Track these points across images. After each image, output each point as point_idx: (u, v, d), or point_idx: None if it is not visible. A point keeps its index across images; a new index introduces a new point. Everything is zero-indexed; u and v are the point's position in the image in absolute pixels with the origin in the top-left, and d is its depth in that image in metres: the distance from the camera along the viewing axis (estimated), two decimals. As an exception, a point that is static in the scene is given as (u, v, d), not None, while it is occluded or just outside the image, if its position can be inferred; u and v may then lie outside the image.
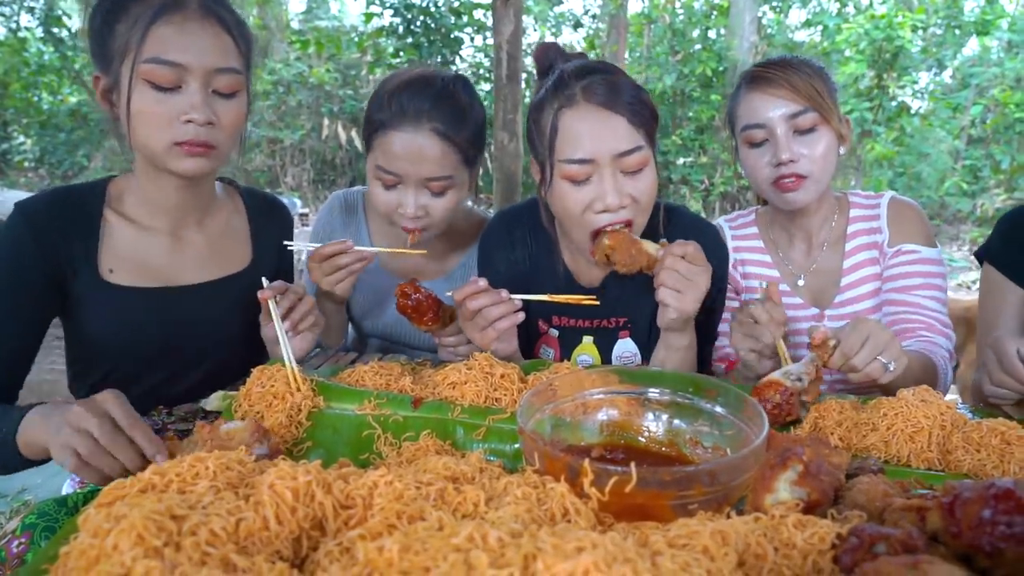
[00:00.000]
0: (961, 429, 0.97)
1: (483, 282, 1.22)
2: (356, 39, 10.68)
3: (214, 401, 1.11)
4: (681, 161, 9.24)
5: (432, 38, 8.74)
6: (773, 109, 1.36)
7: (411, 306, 1.31)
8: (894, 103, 7.64)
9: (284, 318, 1.18)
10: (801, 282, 1.55)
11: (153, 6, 1.09)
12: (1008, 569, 0.56)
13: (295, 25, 12.14)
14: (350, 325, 1.74)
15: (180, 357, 1.29)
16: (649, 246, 1.23)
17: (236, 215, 1.42)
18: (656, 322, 1.29)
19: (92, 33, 1.16)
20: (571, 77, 1.22)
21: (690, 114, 9.34)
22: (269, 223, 1.46)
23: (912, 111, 8.21)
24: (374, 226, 1.69)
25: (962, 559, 0.59)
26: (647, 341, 1.43)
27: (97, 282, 1.21)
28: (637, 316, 1.44)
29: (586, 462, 0.71)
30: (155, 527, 0.57)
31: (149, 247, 1.27)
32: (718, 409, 0.91)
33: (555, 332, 1.48)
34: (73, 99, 10.06)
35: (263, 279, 1.18)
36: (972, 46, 9.34)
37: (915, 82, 8.24)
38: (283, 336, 1.12)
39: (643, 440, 0.96)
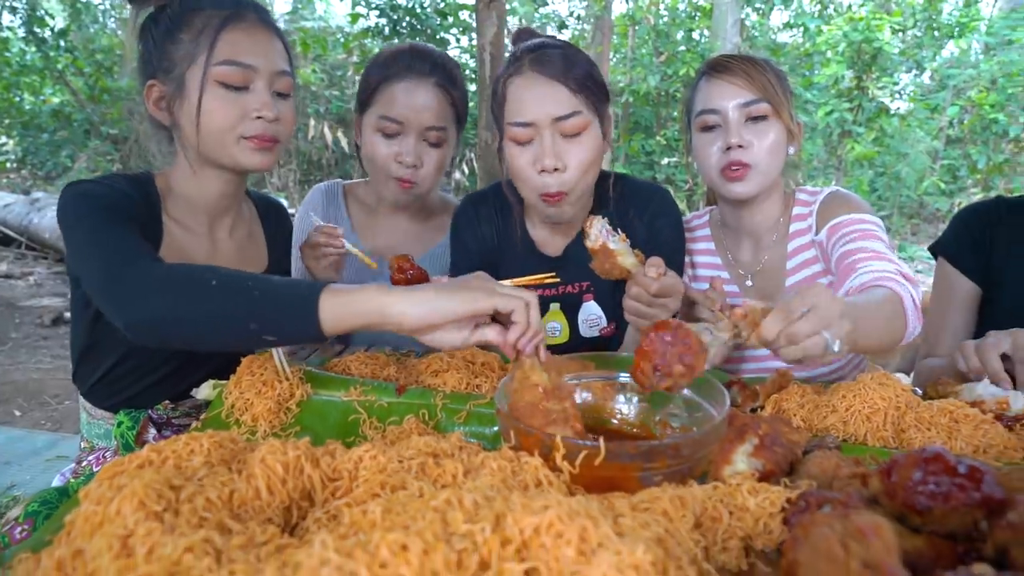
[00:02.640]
0: (914, 409, 1.03)
1: None
2: (342, 40, 10.68)
3: (204, 390, 1.15)
4: (665, 161, 9.33)
5: (418, 39, 8.77)
6: (729, 97, 1.40)
7: (406, 279, 1.35)
8: (873, 104, 7.76)
9: None
10: (749, 283, 1.56)
11: (219, 16, 1.19)
12: (936, 525, 0.61)
13: (280, 26, 12.11)
14: None
15: (193, 353, 1.33)
16: (626, 259, 1.24)
17: (254, 220, 1.49)
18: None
19: (151, 44, 1.23)
20: (524, 51, 1.32)
21: (674, 114, 9.43)
22: (277, 227, 1.53)
23: (892, 112, 8.33)
24: (355, 216, 1.75)
25: (898, 520, 0.65)
26: (611, 302, 1.50)
27: None
28: (599, 279, 1.47)
29: (558, 437, 0.76)
30: (155, 495, 0.61)
31: (193, 246, 1.33)
32: (685, 392, 0.96)
33: None
34: (56, 99, 9.98)
35: None
36: (952, 48, 9.51)
37: (895, 83, 8.37)
38: None
39: (615, 422, 1.02)
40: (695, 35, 10.00)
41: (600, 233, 1.24)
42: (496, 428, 1.03)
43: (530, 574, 0.49)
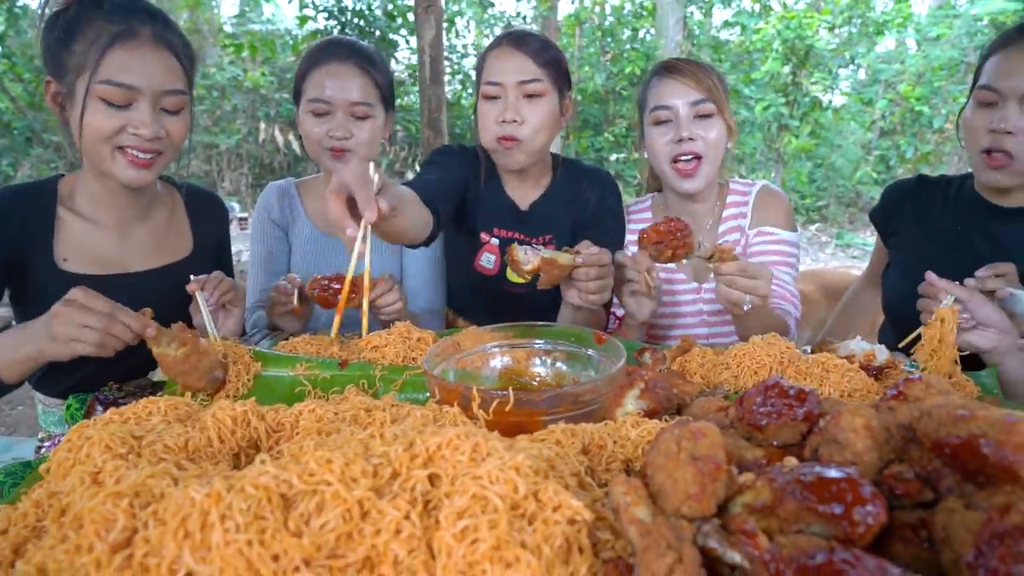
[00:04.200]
0: (795, 363, 1.18)
1: None
2: (290, 42, 10.63)
3: (160, 372, 1.24)
4: (614, 157, 9.56)
5: (366, 41, 8.77)
6: (680, 96, 1.60)
7: (333, 292, 1.45)
8: (807, 99, 8.10)
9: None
10: (685, 260, 1.74)
11: (109, 32, 1.22)
12: (773, 438, 0.75)
13: (228, 29, 11.97)
14: None
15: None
16: (565, 258, 1.35)
17: (176, 210, 1.56)
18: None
19: (48, 44, 1.27)
20: (507, 33, 1.62)
21: (622, 112, 9.66)
22: (207, 216, 1.61)
23: (826, 106, 8.69)
24: (309, 205, 1.89)
25: (747, 439, 0.78)
26: None
27: (52, 270, 1.33)
28: (559, 231, 1.77)
29: (475, 389, 0.89)
30: (119, 441, 0.71)
31: (98, 239, 1.40)
32: (591, 352, 1.10)
33: (496, 241, 1.76)
34: (-7, 107, 9.71)
35: (191, 275, 1.32)
36: (888, 44, 9.94)
37: (827, 78, 8.74)
38: (207, 315, 1.28)
39: (535, 384, 1.14)
40: (640, 33, 10.25)
41: (527, 254, 1.35)
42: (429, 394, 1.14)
43: (432, 479, 0.61)
